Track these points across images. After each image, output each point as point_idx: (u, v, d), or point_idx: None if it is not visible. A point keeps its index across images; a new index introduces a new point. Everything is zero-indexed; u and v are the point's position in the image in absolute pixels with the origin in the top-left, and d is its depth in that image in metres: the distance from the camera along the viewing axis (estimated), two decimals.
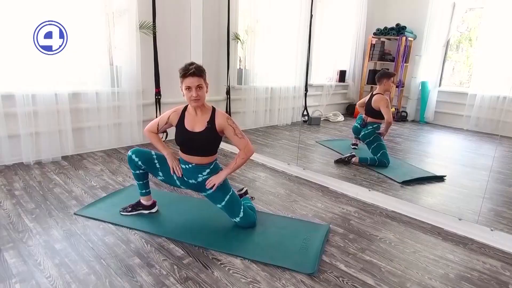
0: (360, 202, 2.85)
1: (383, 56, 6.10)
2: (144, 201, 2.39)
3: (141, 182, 2.33)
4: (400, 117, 5.70)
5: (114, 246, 2.00)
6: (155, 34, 3.86)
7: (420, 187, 3.26)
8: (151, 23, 3.79)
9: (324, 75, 6.28)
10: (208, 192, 2.25)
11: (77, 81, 3.42)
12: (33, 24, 2.95)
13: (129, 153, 2.24)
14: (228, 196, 2.23)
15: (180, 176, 2.23)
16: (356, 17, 6.09)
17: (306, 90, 5.83)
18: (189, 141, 2.17)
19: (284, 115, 5.53)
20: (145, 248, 2.01)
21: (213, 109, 2.20)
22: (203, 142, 2.16)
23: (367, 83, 6.18)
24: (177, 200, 2.67)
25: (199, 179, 2.23)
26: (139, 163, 2.22)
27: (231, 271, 1.84)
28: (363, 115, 3.91)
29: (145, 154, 2.26)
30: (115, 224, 2.23)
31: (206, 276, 1.79)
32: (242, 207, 2.26)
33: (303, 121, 5.86)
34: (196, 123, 2.16)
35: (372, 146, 3.75)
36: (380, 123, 3.78)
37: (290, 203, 2.74)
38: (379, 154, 3.68)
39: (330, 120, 6.08)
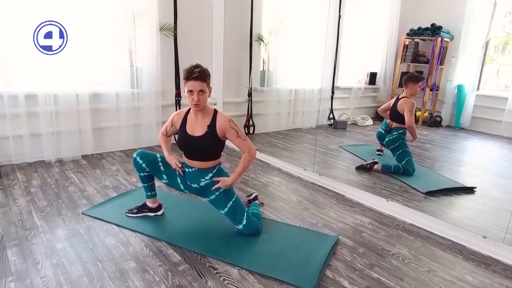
0: (376, 212, 2.68)
1: (417, 57, 5.77)
2: (149, 203, 2.38)
3: (146, 185, 2.32)
4: (434, 122, 5.36)
5: (113, 249, 2.00)
6: (176, 36, 3.88)
7: (445, 199, 3.02)
8: (172, 24, 3.82)
9: (352, 77, 6.06)
10: (211, 197, 2.20)
11: (98, 82, 3.51)
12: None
13: (134, 155, 2.24)
14: (231, 202, 2.17)
15: (182, 174, 2.20)
16: (389, 17, 5.83)
17: (332, 92, 5.65)
18: (189, 146, 2.14)
19: (308, 118, 5.38)
20: (143, 252, 1.99)
21: (215, 112, 2.14)
22: (203, 147, 2.11)
23: (399, 86, 5.86)
24: (184, 203, 2.65)
25: (202, 184, 2.18)
26: (143, 165, 2.22)
27: (225, 282, 1.77)
28: (388, 120, 3.71)
29: (149, 157, 2.24)
30: (119, 226, 2.24)
31: (199, 285, 1.73)
32: (245, 214, 2.19)
33: (329, 124, 5.68)
34: (196, 127, 2.12)
35: (397, 153, 3.54)
36: (406, 129, 3.56)
37: (300, 211, 2.63)
38: (404, 162, 3.47)
39: (358, 124, 5.85)
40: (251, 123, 4.74)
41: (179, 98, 4.07)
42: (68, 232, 2.14)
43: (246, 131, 4.75)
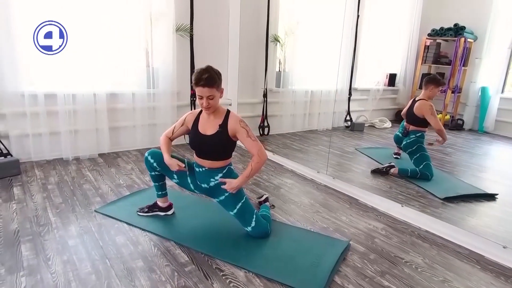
0: (390, 218, 2.60)
1: (439, 59, 5.61)
2: (160, 202, 2.40)
3: (157, 184, 2.34)
4: (456, 125, 5.18)
5: (122, 247, 2.02)
6: (192, 37, 3.91)
7: (464, 206, 2.90)
8: (188, 25, 3.85)
9: (371, 78, 5.94)
10: (221, 198, 2.20)
11: (115, 82, 3.57)
12: (73, 27, 3.15)
13: (146, 154, 2.27)
14: (240, 204, 2.16)
15: (184, 169, 2.17)
16: (409, 17, 5.68)
17: (350, 94, 5.56)
18: (200, 144, 2.14)
19: (324, 119, 5.31)
20: (151, 251, 2.00)
21: (227, 112, 2.14)
22: (214, 146, 2.11)
23: (419, 88, 5.71)
24: (196, 203, 2.65)
25: (211, 184, 2.18)
26: (154, 164, 2.23)
27: (231, 284, 1.75)
28: (405, 123, 3.62)
29: (161, 156, 2.25)
30: (129, 224, 2.26)
31: (204, 287, 1.73)
32: (254, 216, 2.17)
33: (346, 126, 5.60)
34: (208, 126, 2.12)
35: (415, 157, 3.44)
36: (424, 132, 3.46)
37: (311, 214, 2.59)
38: (421, 166, 3.37)
39: (376, 126, 5.72)
40: (266, 124, 4.73)
41: (194, 99, 4.09)
42: (80, 229, 2.18)
43: (261, 132, 4.73)
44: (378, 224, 2.49)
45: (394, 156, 3.95)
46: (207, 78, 1.94)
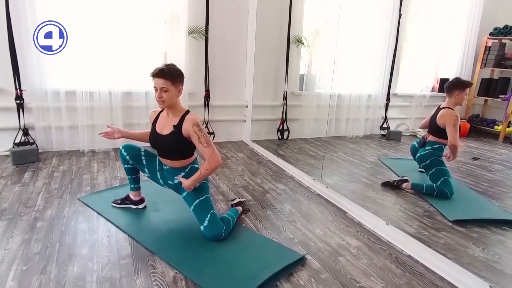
0: (373, 236, 2.33)
1: (502, 61, 4.88)
2: (132, 196, 2.50)
3: (130, 177, 2.44)
4: None
5: (79, 234, 2.14)
6: (207, 39, 3.98)
7: (477, 232, 2.44)
8: (203, 27, 3.93)
9: (415, 83, 5.40)
10: (184, 194, 2.23)
11: (130, 82, 3.79)
12: (91, 30, 3.45)
13: (121, 147, 2.37)
14: (197, 201, 2.17)
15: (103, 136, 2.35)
16: (467, 14, 5.03)
17: (388, 99, 5.14)
18: (157, 144, 2.20)
19: (354, 126, 4.98)
20: (102, 241, 2.08)
21: (185, 113, 2.14)
22: (169, 146, 2.15)
23: (477, 95, 5.04)
24: (173, 201, 2.63)
25: (176, 181, 2.24)
26: (127, 157, 2.33)
27: (155, 283, 1.74)
28: (425, 133, 3.23)
29: (133, 150, 2.35)
30: (99, 214, 2.39)
31: (127, 281, 1.74)
32: (209, 215, 2.13)
33: (382, 134, 5.18)
34: (165, 126, 2.16)
35: (430, 172, 3.06)
36: (443, 145, 3.04)
37: (284, 223, 2.44)
38: (439, 182, 2.97)
39: (418, 136, 5.18)
40: (285, 127, 4.59)
41: (208, 99, 4.16)
42: (54, 214, 2.36)
43: (279, 136, 4.61)
44: (354, 242, 2.25)
45: (419, 169, 3.53)
46: (162, 70, 2.03)
